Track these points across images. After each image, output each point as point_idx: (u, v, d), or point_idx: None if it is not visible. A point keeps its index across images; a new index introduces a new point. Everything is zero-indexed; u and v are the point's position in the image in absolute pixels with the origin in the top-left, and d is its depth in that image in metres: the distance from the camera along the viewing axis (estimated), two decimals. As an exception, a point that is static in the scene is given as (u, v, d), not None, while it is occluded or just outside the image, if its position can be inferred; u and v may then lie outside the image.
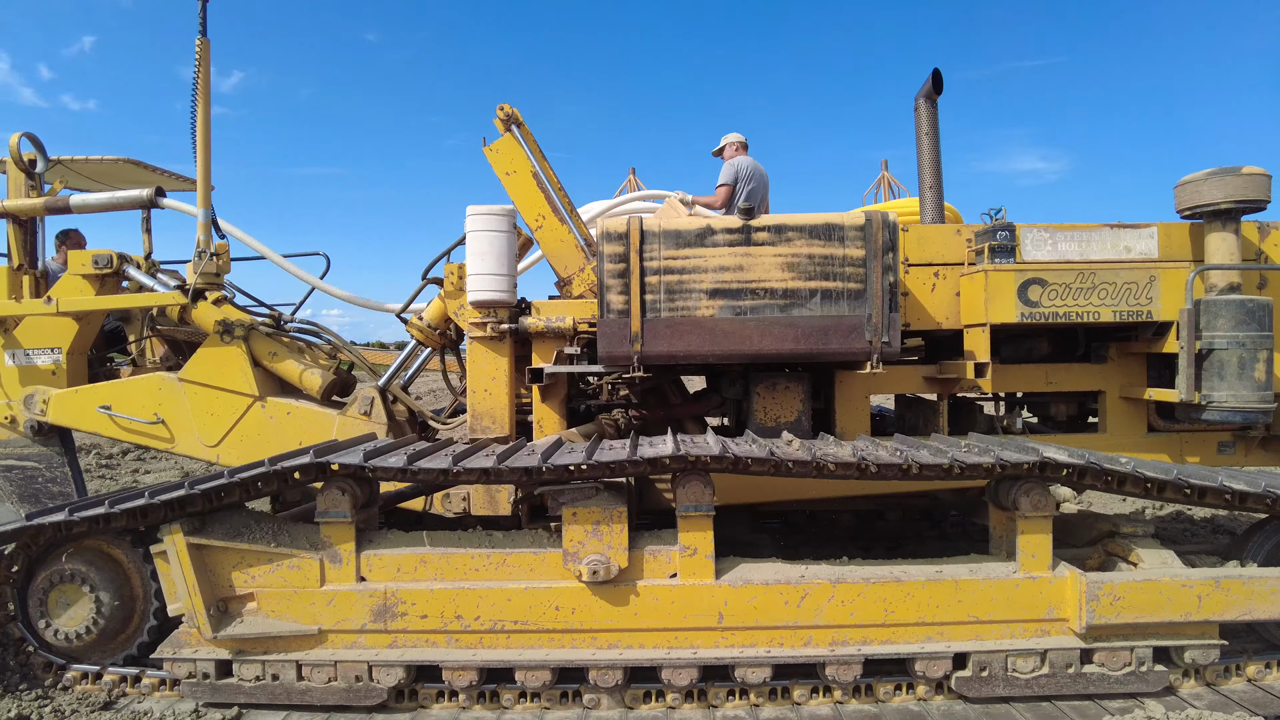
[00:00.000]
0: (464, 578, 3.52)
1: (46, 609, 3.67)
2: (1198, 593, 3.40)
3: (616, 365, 3.91)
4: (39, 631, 3.69)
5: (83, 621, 3.66)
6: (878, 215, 3.81)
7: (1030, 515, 3.48)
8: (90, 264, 4.91)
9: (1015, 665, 3.45)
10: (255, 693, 3.51)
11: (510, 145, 4.89)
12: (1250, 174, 4.00)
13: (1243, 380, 3.94)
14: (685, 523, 3.49)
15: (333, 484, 3.51)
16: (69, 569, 3.65)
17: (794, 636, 3.48)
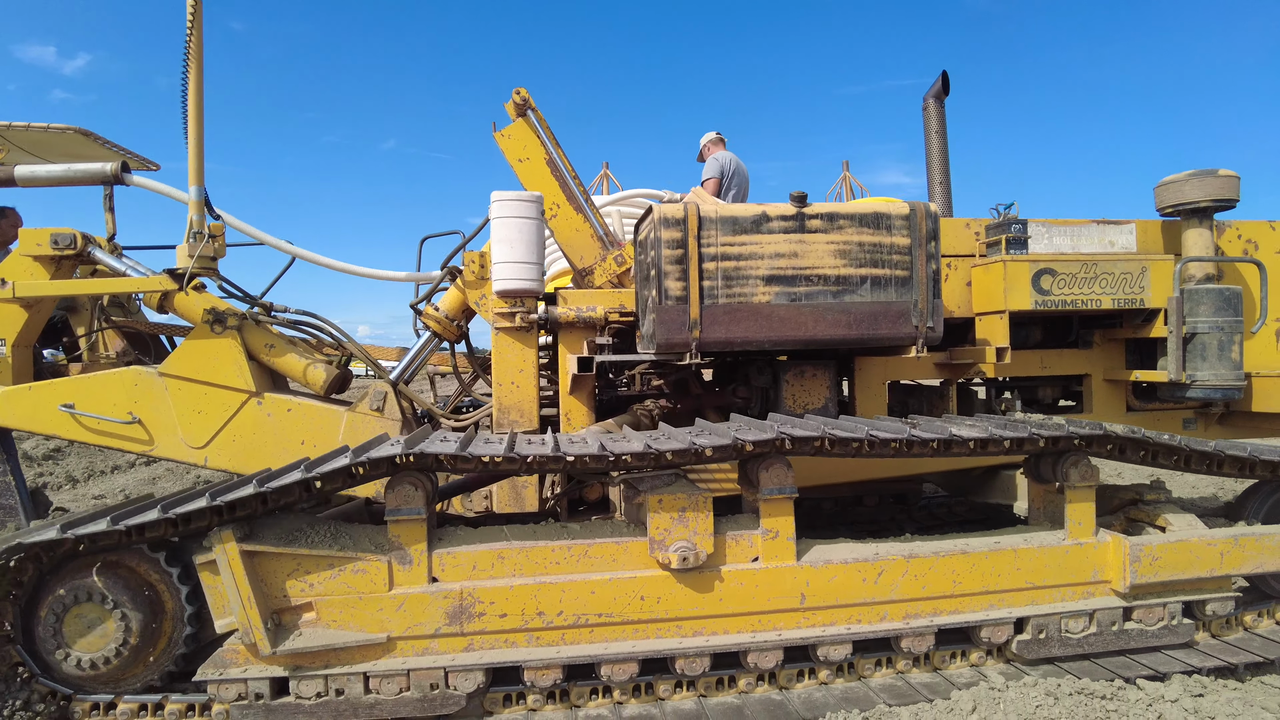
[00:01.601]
0: (544, 572, 3.34)
1: (61, 632, 3.18)
2: (1220, 550, 3.72)
3: (674, 352, 3.82)
4: (49, 657, 3.19)
5: (109, 645, 3.19)
6: (921, 205, 3.92)
7: (1078, 486, 3.69)
8: (47, 243, 4.32)
9: (1068, 626, 3.65)
10: (317, 710, 3.18)
11: (523, 131, 4.71)
12: (1225, 176, 4.43)
13: (1222, 360, 4.35)
14: (768, 506, 3.46)
15: (405, 479, 3.23)
16: (92, 585, 3.18)
17: (871, 612, 3.53)
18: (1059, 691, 3.17)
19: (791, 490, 3.46)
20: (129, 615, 3.19)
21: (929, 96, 4.81)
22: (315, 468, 3.09)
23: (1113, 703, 3.14)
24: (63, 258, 4.40)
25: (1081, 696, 3.16)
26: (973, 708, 3.14)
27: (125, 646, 3.19)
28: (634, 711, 3.33)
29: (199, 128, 4.23)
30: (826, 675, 3.52)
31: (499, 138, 4.73)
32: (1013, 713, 3.07)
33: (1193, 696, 3.22)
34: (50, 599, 3.17)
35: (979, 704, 3.16)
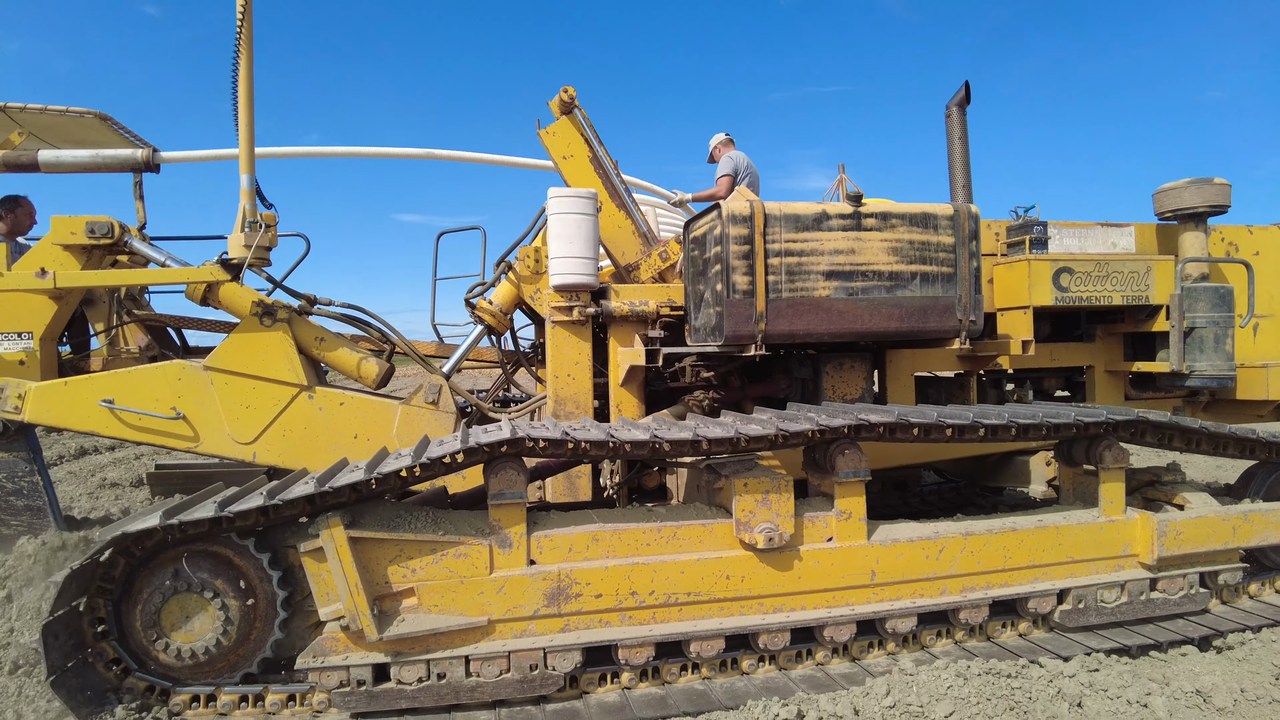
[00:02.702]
0: (636, 553, 3.51)
1: (160, 623, 3.18)
2: (1233, 525, 4.16)
3: (740, 343, 4.04)
4: (146, 650, 3.19)
5: (209, 636, 3.21)
6: (964, 206, 4.25)
7: (1111, 467, 4.07)
8: (82, 232, 4.26)
9: (1103, 597, 4.02)
10: (419, 695, 3.27)
11: (567, 128, 4.87)
12: (1220, 184, 4.92)
13: (1217, 352, 4.83)
14: (842, 489, 3.72)
15: (508, 464, 3.36)
16: (192, 576, 3.19)
17: (932, 587, 3.83)
18: (968, 672, 3.37)
19: (865, 473, 3.73)
20: (227, 604, 3.22)
21: (952, 104, 5.16)
22: (424, 454, 3.18)
23: (1017, 680, 3.36)
24: (95, 247, 4.35)
25: (989, 676, 3.36)
26: (886, 691, 3.30)
27: (225, 636, 3.22)
28: (722, 683, 3.54)
29: (249, 116, 4.26)
30: (894, 647, 3.81)
31: (544, 135, 4.87)
32: (925, 694, 3.25)
33: (1089, 671, 3.45)
34: (147, 591, 3.17)
35: (893, 688, 3.32)
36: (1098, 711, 3.17)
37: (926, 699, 3.20)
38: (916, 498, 6.79)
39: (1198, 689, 3.35)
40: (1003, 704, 3.19)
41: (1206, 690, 3.33)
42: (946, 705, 3.16)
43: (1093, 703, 3.22)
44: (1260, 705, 3.30)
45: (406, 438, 4.48)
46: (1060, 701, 3.22)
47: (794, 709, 3.18)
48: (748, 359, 4.63)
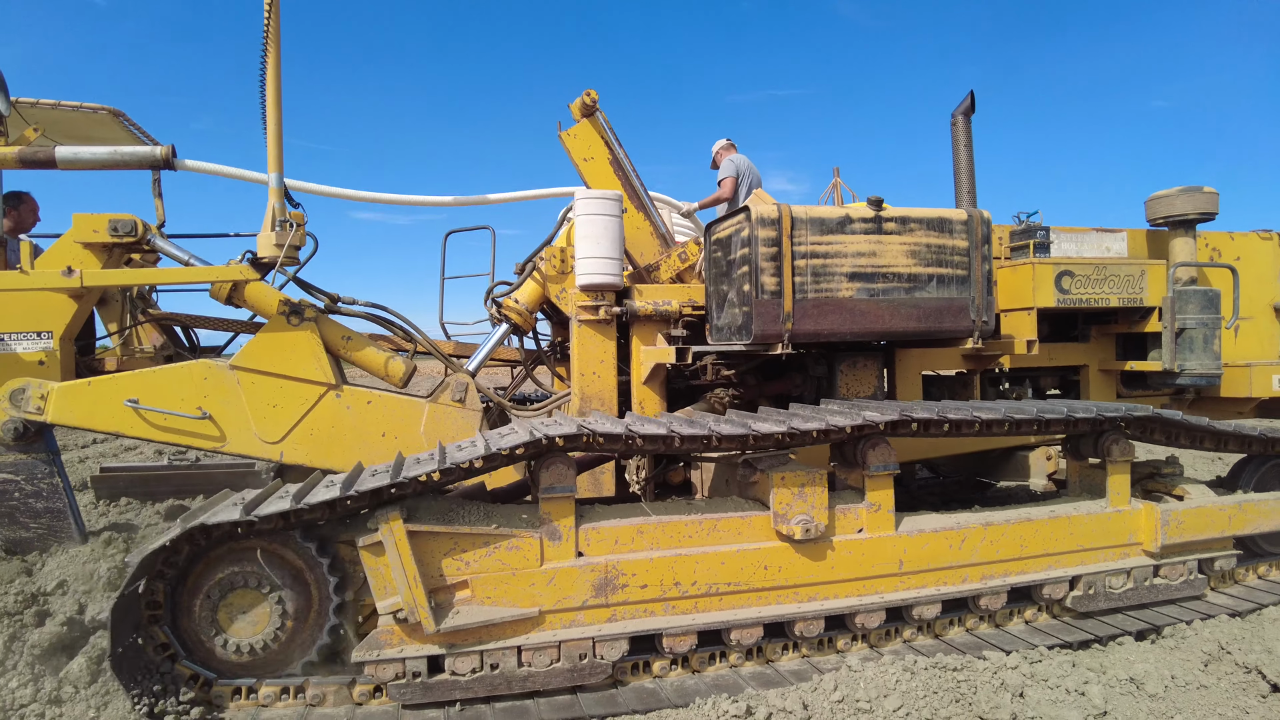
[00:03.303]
0: (678, 545, 3.66)
1: (217, 618, 3.24)
2: (1228, 514, 4.46)
3: (768, 342, 4.21)
4: (199, 640, 3.25)
5: (266, 630, 3.27)
6: (978, 212, 4.49)
7: (1118, 460, 4.35)
8: (105, 230, 4.27)
9: (1110, 583, 4.28)
10: (473, 686, 3.38)
11: (588, 131, 5.01)
12: (1209, 192, 5.25)
13: (1206, 352, 5.14)
14: (872, 482, 3.92)
15: (560, 459, 3.49)
16: (249, 571, 3.25)
17: (954, 575, 4.04)
18: (915, 667, 3.48)
19: (894, 467, 3.93)
20: (285, 600, 3.30)
21: (957, 113, 5.42)
22: (494, 445, 3.30)
23: (963, 673, 3.46)
24: (116, 245, 4.36)
25: (936, 669, 3.47)
26: (835, 687, 3.40)
27: (282, 631, 3.29)
28: (792, 666, 3.76)
29: (278, 115, 4.32)
30: (911, 633, 4.02)
31: (565, 137, 5.00)
32: (873, 689, 3.34)
33: (1031, 664, 3.55)
34: (209, 584, 3.23)
35: (840, 684, 3.41)
36: (1038, 700, 3.31)
37: (874, 694, 3.32)
38: (906, 494, 7.05)
39: (1131, 676, 3.53)
40: (948, 696, 3.32)
41: (1139, 677, 3.51)
42: (894, 700, 3.28)
43: (1034, 692, 3.36)
44: (1188, 691, 3.49)
45: (434, 436, 4.56)
46: (1003, 692, 3.34)
47: (743, 705, 3.25)
48: (769, 358, 4.83)
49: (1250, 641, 3.88)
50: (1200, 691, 3.49)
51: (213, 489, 7.09)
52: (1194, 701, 3.40)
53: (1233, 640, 3.88)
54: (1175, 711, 3.31)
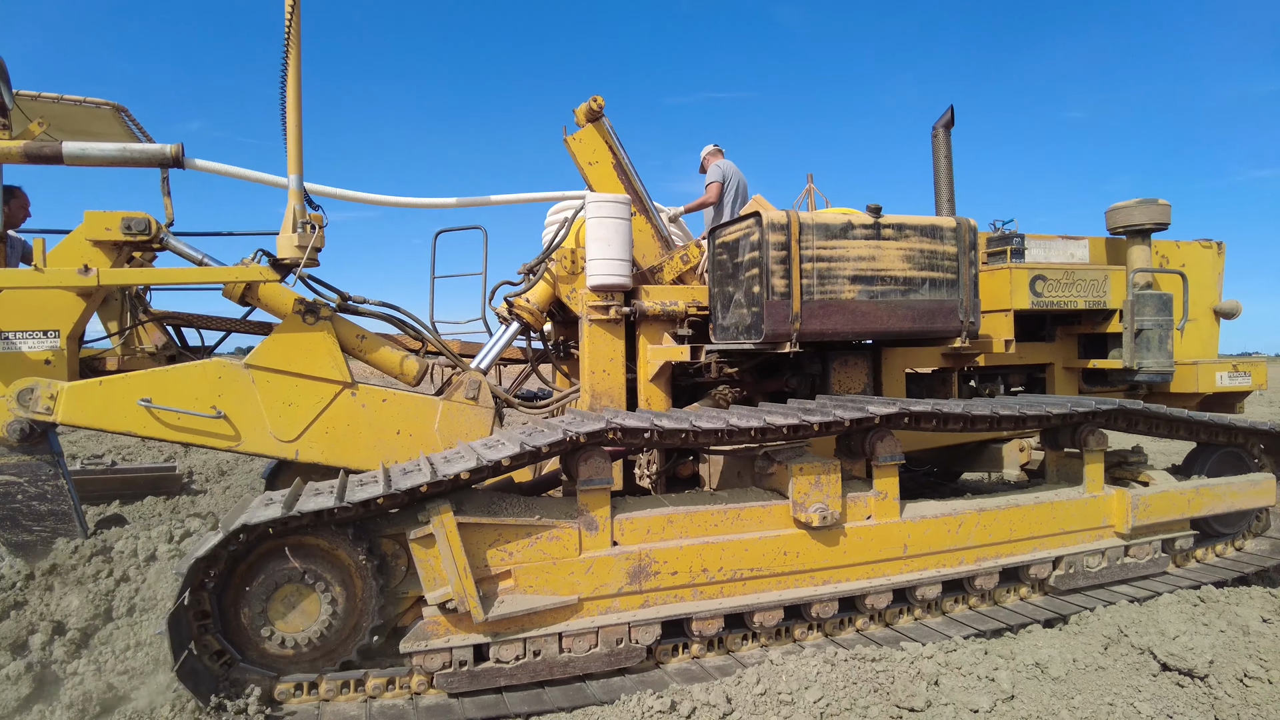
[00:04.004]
0: (705, 533, 3.90)
1: (267, 614, 3.33)
2: (1188, 498, 4.93)
3: (778, 341, 4.48)
4: (252, 640, 3.33)
5: (315, 625, 3.38)
6: (965, 220, 4.86)
7: (1094, 450, 4.77)
8: (118, 228, 4.28)
9: (1088, 563, 4.70)
10: (517, 673, 3.55)
11: (593, 135, 5.21)
12: (1163, 204, 5.76)
13: (1162, 351, 5.65)
14: (880, 471, 4.24)
15: (598, 452, 3.69)
16: (299, 567, 3.35)
17: (951, 558, 4.39)
18: (835, 659, 3.64)
19: (900, 457, 4.26)
20: (333, 594, 3.41)
21: (938, 126, 5.81)
22: (554, 435, 3.48)
23: (881, 663, 3.64)
24: (127, 244, 4.37)
25: (855, 660, 3.64)
26: (757, 680, 3.52)
27: (330, 625, 3.40)
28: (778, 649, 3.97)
29: (298, 117, 4.39)
30: (920, 612, 4.35)
31: (571, 141, 5.19)
32: (794, 681, 3.46)
33: (946, 653, 3.75)
34: (255, 583, 3.32)
35: (763, 677, 3.53)
36: (952, 687, 3.48)
37: (796, 685, 3.44)
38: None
39: (1037, 661, 3.74)
40: (867, 686, 3.47)
41: (1044, 662, 3.72)
42: (815, 691, 3.40)
43: (948, 680, 3.53)
44: (1088, 673, 3.71)
45: (447, 433, 4.70)
46: (920, 681, 3.51)
47: (668, 700, 3.36)
48: (769, 357, 5.11)
49: (1146, 625, 4.16)
50: (1099, 673, 3.72)
51: (130, 494, 7.02)
52: (1093, 682, 3.62)
53: (1131, 624, 4.17)
54: (1075, 692, 3.52)
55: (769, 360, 5.39)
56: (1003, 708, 3.38)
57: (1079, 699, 3.47)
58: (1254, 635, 4.11)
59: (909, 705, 3.36)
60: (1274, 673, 3.65)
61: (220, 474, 9.25)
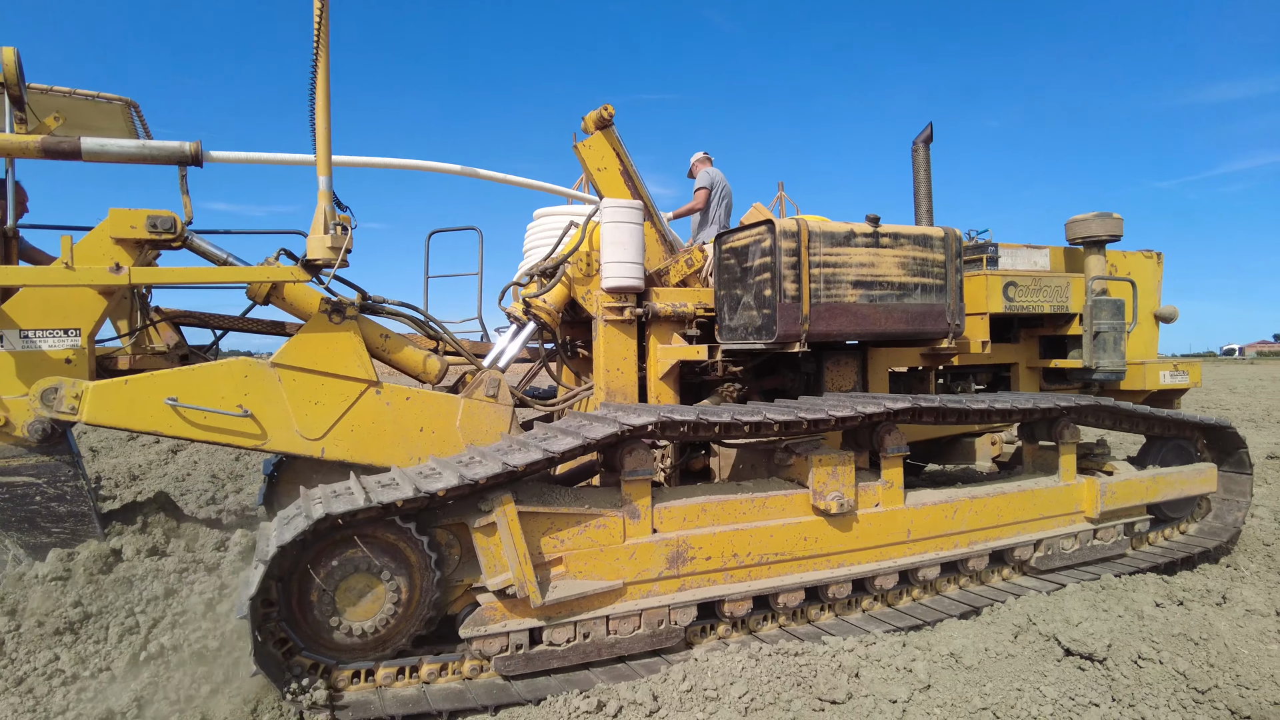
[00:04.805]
0: (735, 520, 4.23)
1: (335, 603, 3.49)
2: (1146, 485, 5.53)
3: (787, 342, 4.85)
4: (317, 630, 3.49)
5: (381, 613, 3.56)
6: (953, 230, 5.34)
7: (1069, 442, 5.31)
8: (143, 226, 4.34)
9: (1063, 545, 5.22)
10: (568, 654, 3.81)
11: (602, 143, 5.51)
12: (1117, 218, 6.39)
13: (1116, 352, 6.27)
14: (887, 461, 4.65)
15: (641, 445, 3.97)
16: (365, 556, 3.52)
17: (948, 541, 4.84)
18: (759, 654, 3.77)
19: (905, 449, 4.68)
20: (398, 583, 3.59)
21: (918, 141, 6.29)
22: (619, 425, 3.74)
23: (804, 657, 3.78)
24: (150, 242, 4.43)
25: (779, 655, 3.77)
26: (683, 676, 3.64)
27: (395, 614, 3.59)
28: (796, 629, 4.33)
29: (326, 116, 4.53)
30: (919, 593, 4.78)
31: (580, 148, 5.47)
32: (719, 677, 3.59)
33: (866, 646, 3.94)
34: (324, 573, 3.48)
35: (689, 674, 3.66)
36: (872, 679, 3.65)
37: (721, 681, 3.57)
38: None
39: (951, 651, 3.91)
40: (790, 680, 3.60)
41: (959, 652, 3.90)
42: (740, 686, 3.53)
43: (868, 672, 3.71)
44: (999, 661, 3.89)
45: (468, 430, 4.89)
46: (841, 674, 3.67)
47: (594, 700, 3.48)
48: (771, 356, 5.48)
49: (1052, 613, 4.35)
50: (1009, 660, 3.90)
51: None
52: (1003, 669, 3.79)
53: (1039, 613, 4.37)
54: (987, 679, 3.68)
55: (769, 360, 5.77)
56: (920, 697, 3.55)
57: (990, 686, 3.63)
58: (1147, 619, 4.34)
59: (831, 698, 3.52)
60: (1164, 653, 3.91)
61: (131, 479, 9.07)
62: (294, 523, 3.35)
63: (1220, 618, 4.43)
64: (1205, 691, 3.70)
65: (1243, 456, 6.03)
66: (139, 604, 4.04)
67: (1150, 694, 3.67)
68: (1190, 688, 3.73)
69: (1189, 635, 4.11)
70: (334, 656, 3.56)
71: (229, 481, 9.00)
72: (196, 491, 8.24)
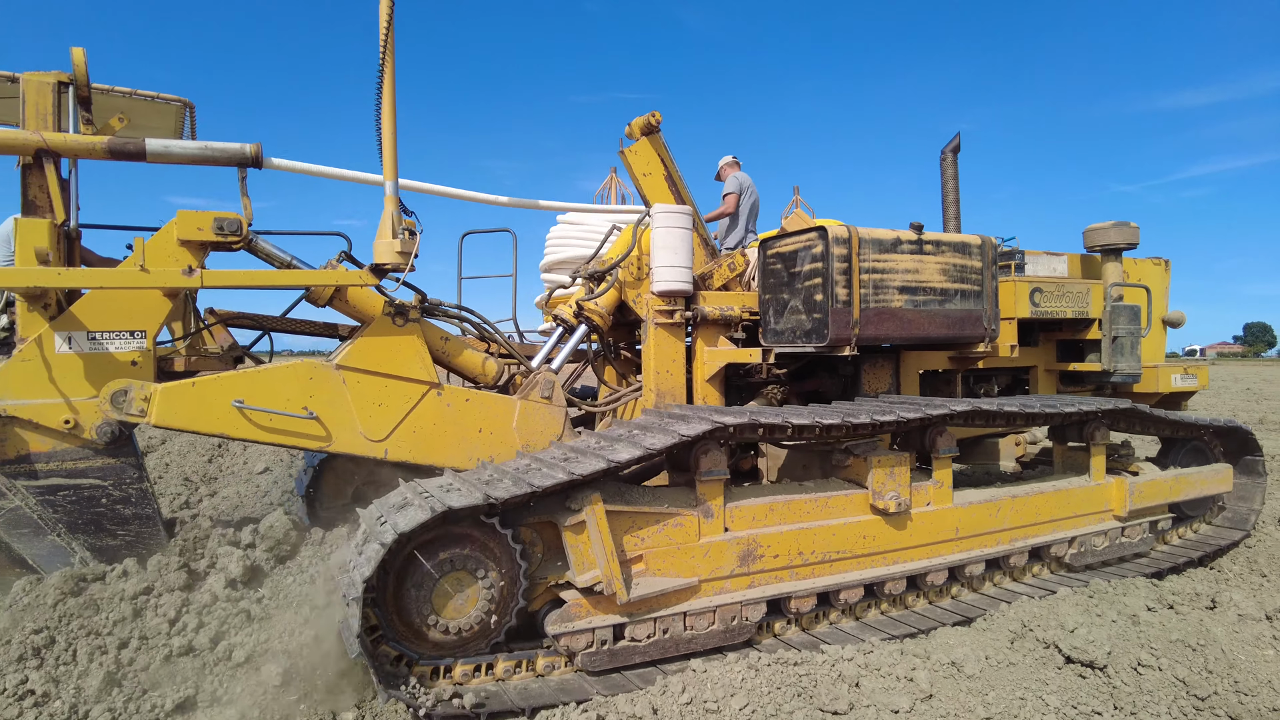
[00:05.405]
0: (800, 519, 4.42)
1: (431, 601, 3.61)
2: (1170, 485, 5.83)
3: (839, 346, 5.05)
4: (413, 625, 3.60)
5: (475, 611, 3.68)
6: (990, 239, 5.58)
7: (1099, 443, 5.59)
8: (209, 228, 4.41)
9: (1094, 542, 5.50)
10: (649, 650, 3.96)
11: (647, 149, 5.66)
12: (1133, 226, 6.70)
13: (1133, 355, 6.57)
14: (939, 462, 4.88)
15: (716, 446, 4.14)
16: (463, 554, 3.64)
17: (991, 539, 5.08)
18: (759, 664, 3.78)
19: (955, 450, 4.91)
20: (491, 580, 3.72)
21: (946, 150, 6.54)
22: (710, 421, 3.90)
23: (803, 667, 3.79)
24: (215, 245, 4.49)
25: (778, 665, 3.78)
26: (682, 689, 3.63)
27: (489, 612, 3.71)
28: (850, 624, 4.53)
29: (393, 123, 4.64)
30: (963, 588, 5.01)
31: (626, 153, 5.61)
32: (719, 689, 3.59)
33: (865, 654, 3.97)
34: (422, 571, 3.59)
35: (688, 685, 3.65)
36: (872, 689, 3.67)
37: (721, 694, 3.56)
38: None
39: (952, 660, 3.92)
40: (790, 690, 3.61)
41: (960, 661, 3.90)
42: (740, 698, 3.53)
43: (868, 681, 3.72)
44: (1000, 669, 3.91)
45: (525, 431, 5.02)
46: (841, 683, 3.69)
47: (593, 714, 3.52)
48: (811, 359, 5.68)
49: (1047, 619, 4.37)
50: (1010, 669, 3.92)
51: None
52: (1005, 678, 3.83)
53: (1033, 619, 4.38)
54: (989, 689, 3.72)
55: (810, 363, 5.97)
56: (922, 707, 3.58)
57: (992, 695, 3.67)
58: (1143, 625, 4.37)
59: (832, 709, 3.53)
60: (1163, 660, 3.98)
61: None
62: (410, 511, 3.46)
63: (1215, 623, 4.50)
64: (1205, 698, 3.77)
65: (1257, 460, 6.38)
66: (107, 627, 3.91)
67: (1151, 701, 3.73)
68: (1190, 694, 3.80)
69: (1186, 641, 4.16)
70: (419, 651, 3.67)
71: (202, 484, 8.95)
72: (170, 495, 8.16)
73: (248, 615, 4.04)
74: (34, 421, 4.20)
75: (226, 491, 8.25)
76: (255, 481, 8.75)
